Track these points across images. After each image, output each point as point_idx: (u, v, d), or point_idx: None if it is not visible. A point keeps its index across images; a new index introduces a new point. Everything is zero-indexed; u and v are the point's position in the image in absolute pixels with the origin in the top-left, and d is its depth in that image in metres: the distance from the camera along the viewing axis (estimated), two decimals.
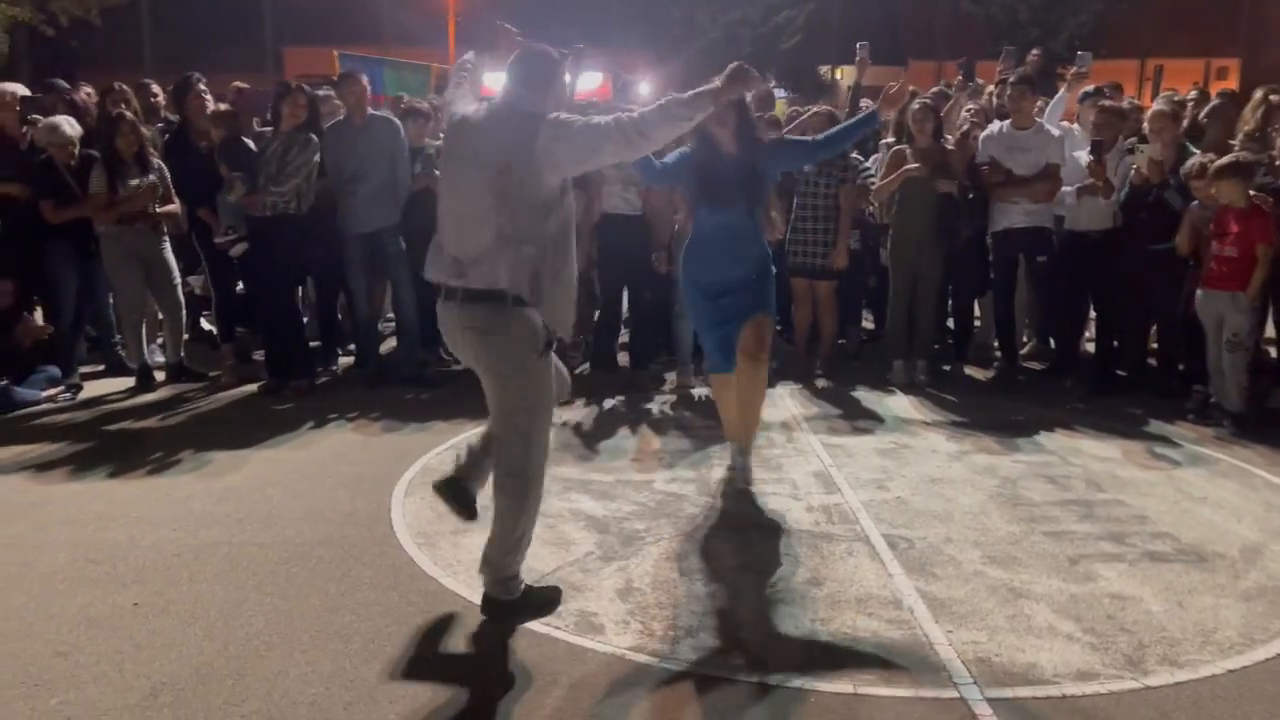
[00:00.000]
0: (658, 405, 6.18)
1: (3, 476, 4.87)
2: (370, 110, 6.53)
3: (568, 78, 6.12)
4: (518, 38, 3.77)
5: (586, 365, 6.94)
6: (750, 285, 4.55)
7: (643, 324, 6.82)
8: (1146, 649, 3.22)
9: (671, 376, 6.66)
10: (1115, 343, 6.60)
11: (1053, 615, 3.44)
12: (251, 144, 6.41)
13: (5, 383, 6.05)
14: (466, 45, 3.75)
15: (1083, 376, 6.62)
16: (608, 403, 6.19)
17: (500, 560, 3.36)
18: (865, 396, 6.34)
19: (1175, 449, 5.33)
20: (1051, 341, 7.25)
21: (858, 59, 6.69)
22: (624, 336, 7.17)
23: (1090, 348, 7.16)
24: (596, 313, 7.14)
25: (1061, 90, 7.39)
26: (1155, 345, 6.73)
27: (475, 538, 4.05)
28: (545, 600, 3.47)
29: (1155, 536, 4.14)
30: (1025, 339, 7.63)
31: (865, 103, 7.43)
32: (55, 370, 6.43)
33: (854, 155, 6.75)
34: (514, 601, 3.39)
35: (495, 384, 3.32)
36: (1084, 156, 6.33)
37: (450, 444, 5.31)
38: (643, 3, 24.67)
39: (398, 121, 6.60)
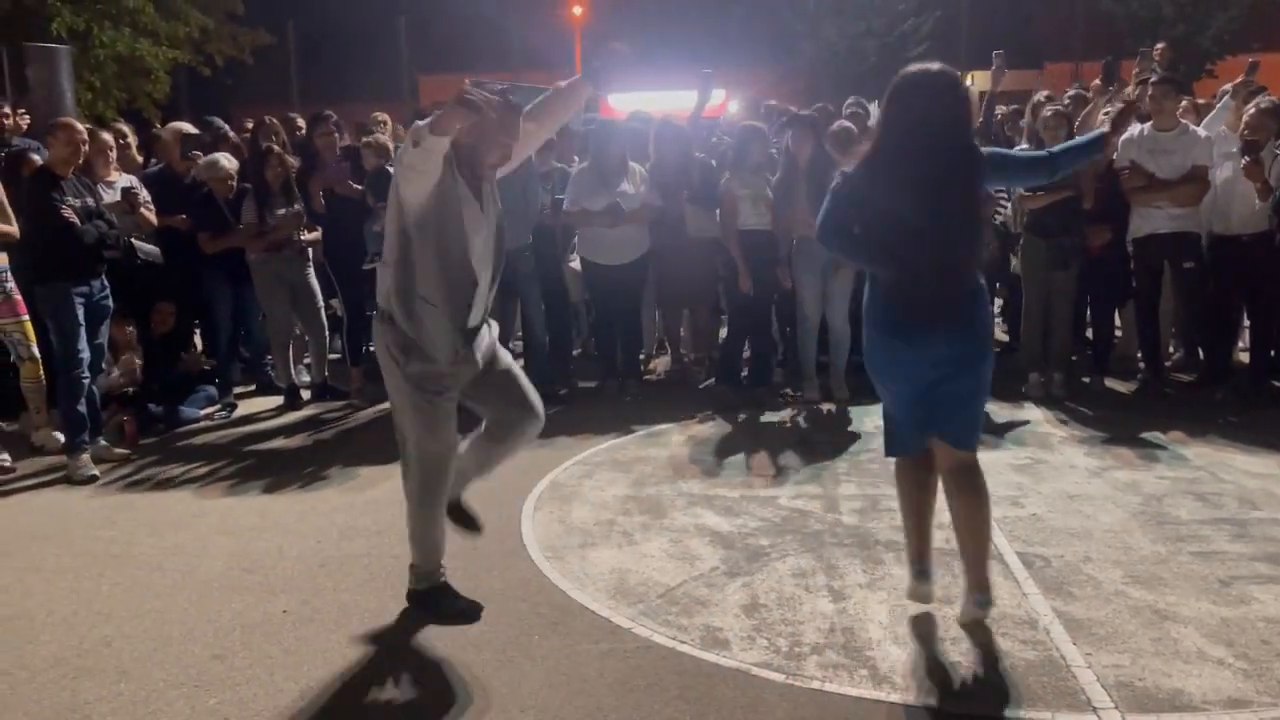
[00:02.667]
0: (781, 420, 6.16)
1: (168, 490, 5.22)
2: None
3: (697, 97, 6.19)
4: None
5: (711, 380, 6.97)
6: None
7: (761, 338, 6.81)
8: None
9: (792, 392, 6.63)
10: (1272, 352, 6.23)
11: (1202, 639, 3.28)
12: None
13: (171, 404, 6.49)
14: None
15: (1236, 388, 6.28)
16: (731, 417, 6.20)
17: (411, 547, 3.64)
18: (999, 410, 6.15)
19: None
20: (1200, 352, 6.90)
21: (994, 67, 6.53)
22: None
23: (1244, 358, 6.79)
24: (723, 330, 7.18)
25: (1225, 98, 7.06)
26: None
27: (602, 552, 4.14)
28: (457, 610, 3.59)
29: None
30: (1171, 350, 7.29)
31: (1000, 110, 7.26)
32: (213, 390, 6.86)
33: None
34: (418, 592, 3.65)
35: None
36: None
37: (577, 459, 5.42)
38: (765, 19, 24.61)
39: None
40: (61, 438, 5.64)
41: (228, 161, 6.83)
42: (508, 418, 3.71)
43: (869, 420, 6.02)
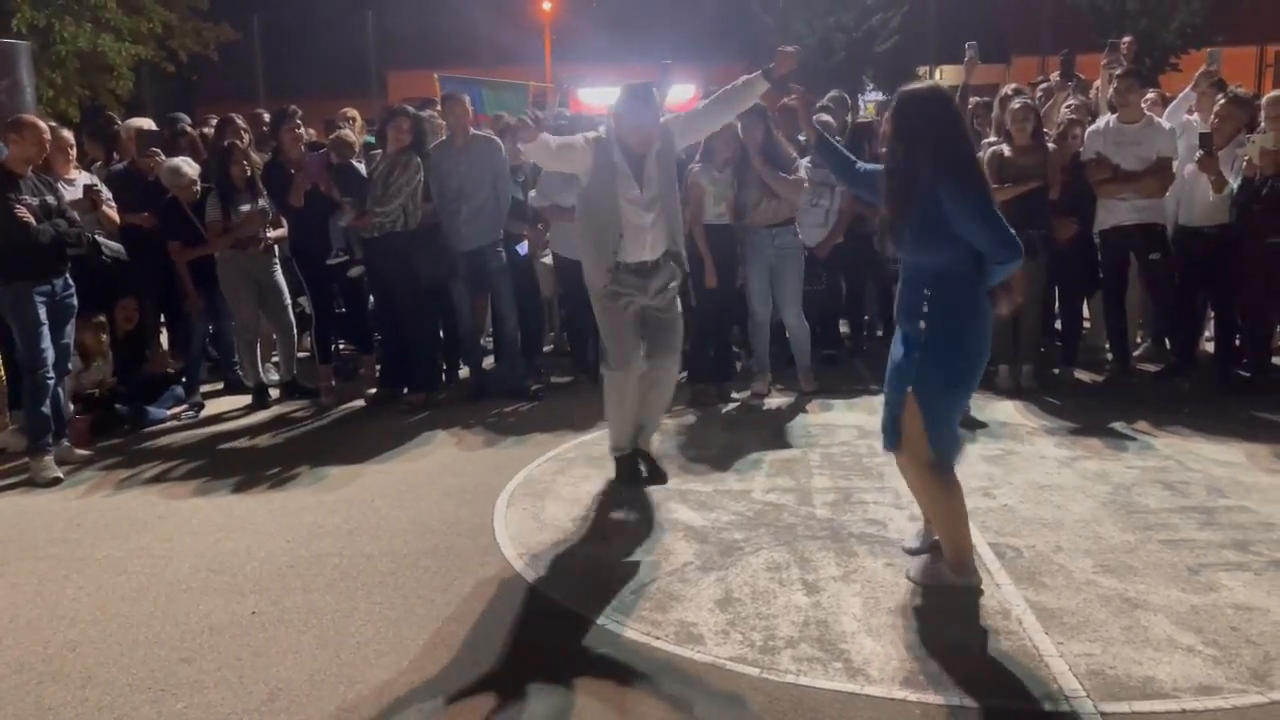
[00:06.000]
0: (752, 414, 6.16)
1: (133, 490, 5.14)
2: (472, 130, 6.69)
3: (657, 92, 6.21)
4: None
5: (684, 374, 6.95)
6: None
7: (724, 333, 6.80)
8: (1274, 662, 3.07)
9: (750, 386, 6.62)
10: (1236, 342, 6.31)
11: (1172, 627, 3.31)
12: (363, 169, 6.63)
13: (138, 403, 6.41)
14: (562, 62, 3.90)
15: (1201, 378, 6.35)
16: (703, 412, 6.19)
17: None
18: (970, 402, 6.18)
19: None
20: (1167, 342, 6.98)
21: (967, 59, 6.55)
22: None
23: (1209, 348, 6.87)
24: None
25: (1187, 89, 7.13)
26: None
27: (576, 548, 4.12)
28: (634, 476, 4.79)
29: None
30: (1138, 340, 7.36)
31: (973, 101, 7.29)
32: (180, 390, 6.77)
33: None
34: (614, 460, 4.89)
35: None
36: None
37: (550, 455, 5.39)
38: (736, 14, 24.66)
39: (499, 140, 6.75)
40: (24, 439, 5.54)
41: (189, 168, 6.73)
42: (652, 355, 4.80)
43: (839, 414, 6.04)
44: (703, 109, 4.77)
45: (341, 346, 7.94)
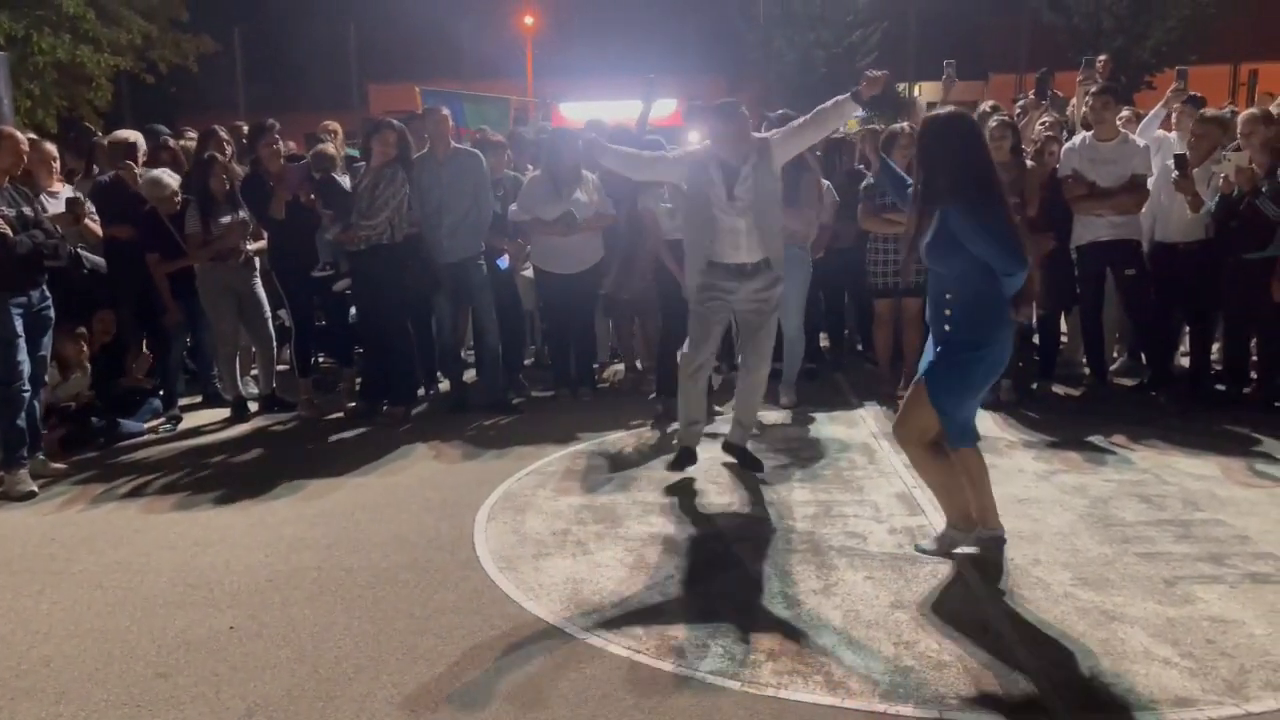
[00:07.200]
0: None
1: (109, 504, 5.09)
2: (453, 143, 6.69)
3: (642, 104, 6.25)
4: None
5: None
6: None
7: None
8: (1249, 674, 3.10)
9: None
10: (1211, 356, 6.37)
11: (1148, 639, 3.33)
12: (346, 183, 6.62)
13: (114, 416, 6.35)
14: (544, 77, 3.92)
15: (1177, 392, 6.41)
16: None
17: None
18: None
19: (1279, 466, 5.12)
20: (1143, 357, 7.04)
21: (944, 77, 6.61)
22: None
23: (1185, 362, 6.94)
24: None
25: (1158, 106, 7.23)
26: (1255, 358, 6.49)
27: (556, 562, 4.11)
28: (686, 463, 5.21)
29: (1258, 557, 3.98)
30: (1115, 354, 7.43)
31: None
32: (157, 403, 6.72)
33: None
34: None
35: None
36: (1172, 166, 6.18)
37: (531, 469, 5.38)
38: (717, 30, 24.79)
39: (480, 154, 6.75)
40: None
41: (170, 178, 6.69)
42: (743, 357, 5.31)
43: (819, 428, 6.07)
44: (798, 127, 5.00)
45: (321, 360, 7.91)
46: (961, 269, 3.77)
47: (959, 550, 4.02)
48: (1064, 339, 7.50)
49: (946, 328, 3.85)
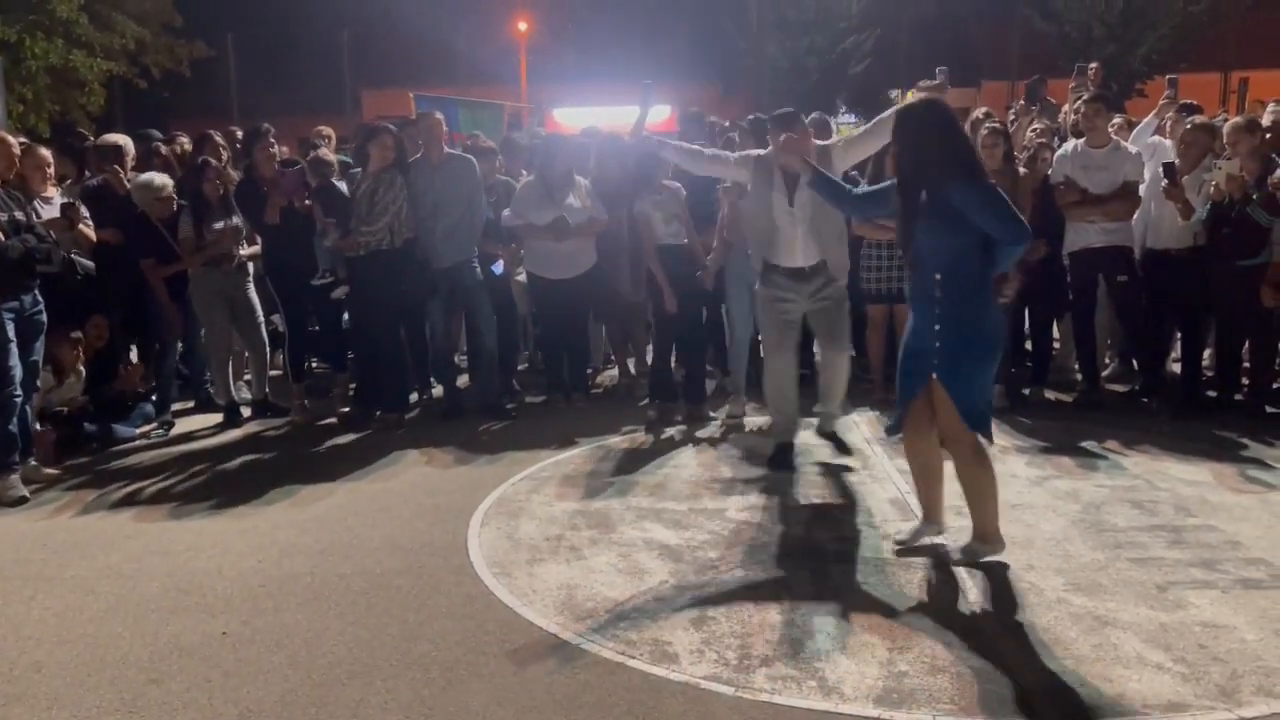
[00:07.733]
0: (727, 433, 6.17)
1: (101, 509, 5.08)
2: (447, 148, 6.69)
3: (639, 110, 6.27)
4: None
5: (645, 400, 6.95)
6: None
7: (695, 355, 6.78)
8: (1241, 679, 3.11)
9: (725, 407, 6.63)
10: (1203, 362, 6.40)
11: (1141, 644, 3.34)
12: (344, 188, 6.61)
13: (107, 421, 6.33)
14: (538, 82, 3.92)
15: (1169, 398, 6.44)
16: (672, 432, 6.20)
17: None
18: None
19: (1270, 472, 5.14)
20: (1135, 363, 7.07)
21: (937, 84, 6.62)
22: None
23: (1176, 368, 6.96)
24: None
25: (1150, 116, 7.27)
26: (1246, 364, 6.51)
27: (550, 567, 4.11)
28: (785, 464, 5.33)
29: (1249, 563, 3.99)
30: (1107, 361, 7.45)
31: None
32: (150, 408, 6.70)
33: None
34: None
35: None
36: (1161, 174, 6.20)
37: (524, 474, 5.38)
38: (710, 36, 24.86)
39: (473, 159, 6.75)
40: None
41: (162, 179, 6.68)
42: (822, 351, 5.55)
43: (813, 433, 6.06)
44: (860, 135, 5.26)
45: (314, 365, 7.89)
46: (956, 250, 3.82)
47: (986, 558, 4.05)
48: (1056, 345, 7.52)
49: (938, 310, 3.88)
